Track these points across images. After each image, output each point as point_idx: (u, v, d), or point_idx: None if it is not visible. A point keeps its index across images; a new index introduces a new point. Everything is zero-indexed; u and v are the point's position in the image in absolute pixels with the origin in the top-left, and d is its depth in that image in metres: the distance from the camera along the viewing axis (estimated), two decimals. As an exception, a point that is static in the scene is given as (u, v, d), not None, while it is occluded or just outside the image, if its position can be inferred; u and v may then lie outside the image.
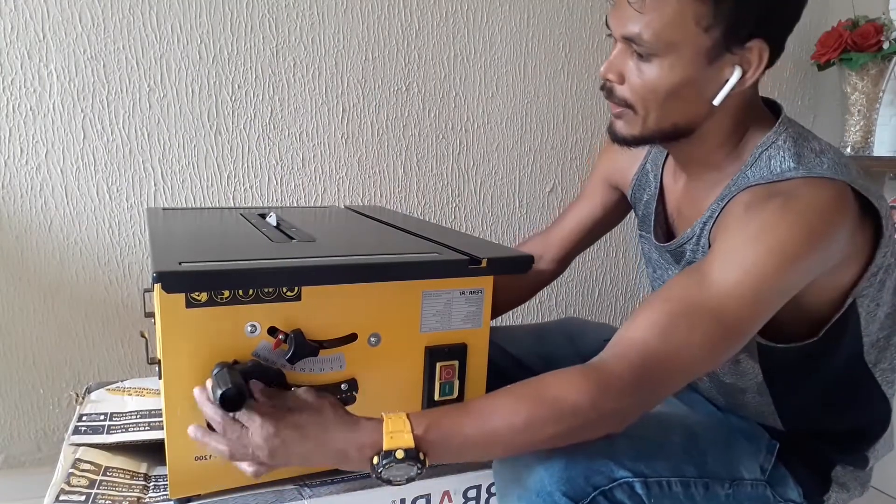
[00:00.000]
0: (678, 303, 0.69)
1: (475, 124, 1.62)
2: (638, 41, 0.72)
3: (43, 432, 1.43)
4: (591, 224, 1.08)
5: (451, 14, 1.55)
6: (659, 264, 0.93)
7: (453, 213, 1.65)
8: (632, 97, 0.75)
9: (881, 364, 0.82)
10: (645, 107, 0.75)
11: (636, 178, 0.97)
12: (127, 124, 1.36)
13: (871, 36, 1.54)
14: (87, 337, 1.41)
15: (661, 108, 0.75)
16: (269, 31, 1.41)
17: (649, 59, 0.72)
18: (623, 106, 0.77)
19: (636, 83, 0.74)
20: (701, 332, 0.68)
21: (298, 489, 0.79)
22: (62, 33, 1.29)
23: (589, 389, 0.67)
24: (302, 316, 0.75)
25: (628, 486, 0.72)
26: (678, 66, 0.72)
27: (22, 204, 1.33)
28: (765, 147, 0.76)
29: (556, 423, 0.67)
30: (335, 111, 1.50)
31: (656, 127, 0.77)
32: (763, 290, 0.68)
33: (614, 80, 0.76)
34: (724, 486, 0.78)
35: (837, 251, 0.71)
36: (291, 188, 1.50)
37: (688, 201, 0.86)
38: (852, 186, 0.70)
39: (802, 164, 0.72)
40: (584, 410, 0.67)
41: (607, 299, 1.88)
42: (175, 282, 0.66)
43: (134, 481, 0.82)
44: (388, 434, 0.66)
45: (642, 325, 0.70)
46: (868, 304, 0.77)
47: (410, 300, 0.81)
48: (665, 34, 0.70)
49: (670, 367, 0.68)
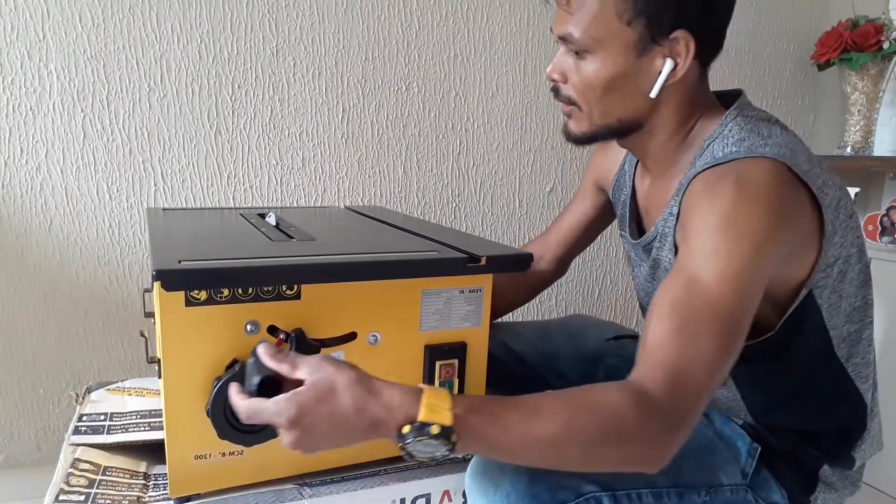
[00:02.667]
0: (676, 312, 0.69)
1: (475, 124, 1.62)
2: (570, 40, 0.76)
3: (43, 432, 1.43)
4: (587, 224, 1.10)
5: (451, 14, 1.55)
6: (635, 262, 0.94)
7: (453, 213, 1.65)
8: (574, 94, 0.79)
9: (853, 359, 0.82)
10: (587, 102, 0.79)
11: (616, 178, 0.99)
12: (127, 124, 1.36)
13: (871, 36, 1.54)
14: (87, 337, 1.41)
15: (602, 103, 0.78)
16: (269, 31, 1.41)
17: (583, 56, 0.77)
18: (569, 104, 0.81)
19: (575, 80, 0.79)
20: (707, 336, 0.67)
21: (298, 489, 0.79)
22: (62, 33, 1.29)
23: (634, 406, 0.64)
24: (301, 315, 0.75)
25: (595, 501, 0.71)
26: (608, 61, 0.76)
27: (22, 204, 1.33)
28: (712, 138, 0.78)
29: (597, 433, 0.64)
30: (335, 111, 1.50)
31: (602, 122, 0.80)
32: (745, 277, 0.68)
33: (559, 80, 0.81)
34: (701, 494, 0.77)
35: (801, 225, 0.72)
36: (291, 188, 1.50)
37: (652, 199, 0.88)
38: (791, 169, 0.70)
39: (743, 147, 0.73)
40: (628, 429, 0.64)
41: (607, 299, 1.88)
42: (175, 280, 0.66)
43: (133, 480, 0.82)
44: (426, 405, 0.61)
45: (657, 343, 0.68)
46: (829, 295, 0.77)
47: (410, 299, 0.81)
48: (591, 31, 0.75)
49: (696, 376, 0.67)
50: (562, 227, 1.11)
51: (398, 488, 0.81)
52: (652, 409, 0.64)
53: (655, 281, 0.86)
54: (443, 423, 0.60)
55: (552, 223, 1.14)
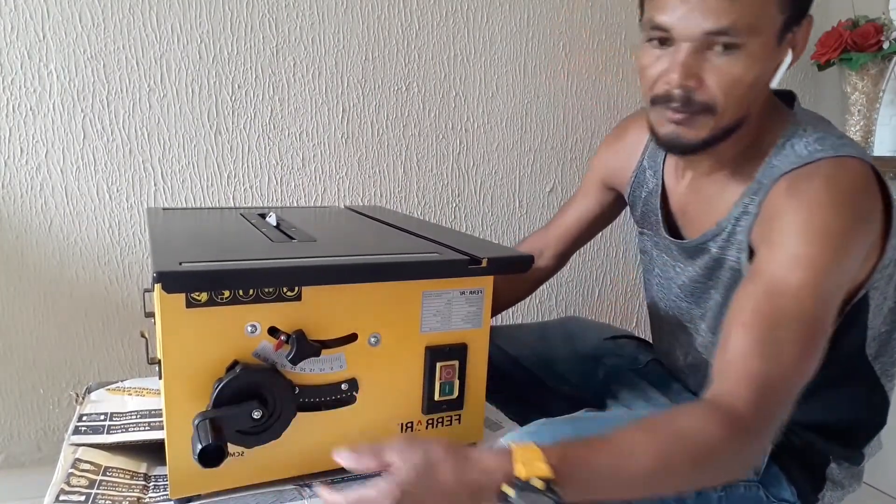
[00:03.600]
0: (759, 320, 0.68)
1: (475, 124, 1.62)
2: (730, 33, 0.68)
3: (43, 432, 1.43)
4: (589, 221, 1.09)
5: (451, 14, 1.55)
6: (665, 261, 0.92)
7: (453, 213, 1.65)
8: (716, 97, 0.72)
9: (882, 357, 0.83)
10: (727, 103, 0.72)
11: (634, 176, 0.96)
12: (127, 124, 1.36)
13: (871, 36, 1.54)
14: (87, 337, 1.41)
15: (740, 102, 0.72)
16: (269, 31, 1.41)
17: (733, 51, 0.70)
18: (700, 111, 0.73)
19: (722, 81, 0.71)
20: (792, 345, 0.67)
21: (298, 489, 0.79)
22: (62, 33, 1.29)
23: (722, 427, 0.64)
24: (302, 316, 0.75)
25: None
26: (760, 53, 0.70)
27: (22, 204, 1.33)
28: (788, 136, 0.76)
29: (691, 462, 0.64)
30: (335, 111, 1.50)
31: (728, 124, 0.74)
32: (828, 283, 0.68)
33: (694, 86, 0.72)
34: (717, 490, 0.77)
35: (876, 227, 0.71)
36: (291, 188, 1.50)
37: (697, 199, 0.85)
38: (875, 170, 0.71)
39: (826, 145, 0.72)
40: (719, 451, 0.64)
41: (607, 299, 1.88)
42: (175, 282, 0.66)
43: (134, 481, 0.82)
44: (520, 461, 0.60)
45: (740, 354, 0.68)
46: (878, 297, 0.77)
47: (411, 300, 0.81)
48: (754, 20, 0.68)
49: (782, 388, 0.67)
50: (563, 223, 1.10)
51: (398, 489, 0.80)
52: (741, 428, 0.65)
53: (712, 281, 0.84)
54: (543, 476, 0.59)
55: (553, 218, 1.14)
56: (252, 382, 0.72)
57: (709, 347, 0.87)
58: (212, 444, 0.67)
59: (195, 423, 0.69)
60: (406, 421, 0.84)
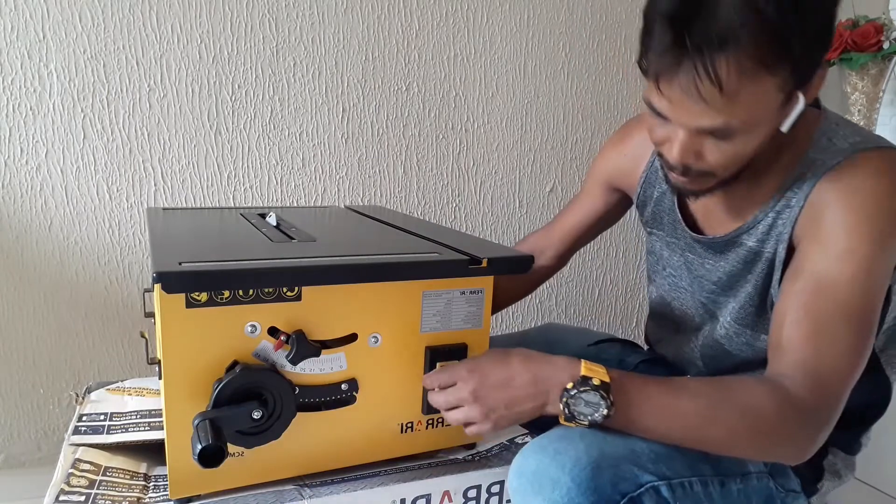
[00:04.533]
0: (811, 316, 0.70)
1: (475, 124, 1.62)
2: (724, 130, 0.69)
3: (43, 432, 1.43)
4: (592, 222, 1.09)
5: (451, 14, 1.55)
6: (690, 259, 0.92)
7: (453, 213, 1.65)
8: (713, 169, 0.74)
9: (888, 350, 0.84)
10: (727, 170, 0.74)
11: (644, 176, 0.96)
12: (127, 124, 1.36)
13: (871, 36, 1.54)
14: (87, 337, 1.41)
15: (743, 165, 0.75)
16: (269, 31, 1.41)
17: (730, 135, 0.70)
18: (701, 175, 0.75)
19: (721, 158, 0.72)
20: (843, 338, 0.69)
21: (298, 489, 0.79)
22: (62, 33, 1.29)
23: (775, 398, 0.67)
24: (302, 316, 0.75)
25: (654, 491, 0.70)
26: (761, 130, 0.71)
27: (22, 204, 1.33)
28: (824, 132, 0.77)
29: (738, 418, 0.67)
30: (335, 111, 1.50)
31: (732, 176, 0.76)
32: (875, 276, 0.69)
33: (692, 162, 0.74)
34: (736, 482, 0.78)
35: None
36: (291, 188, 1.50)
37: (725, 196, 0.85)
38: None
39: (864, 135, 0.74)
40: (769, 417, 0.67)
41: (607, 299, 1.88)
42: (175, 282, 0.66)
43: (134, 481, 0.82)
44: (585, 367, 0.70)
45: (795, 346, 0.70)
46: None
47: (411, 300, 0.81)
48: (749, 115, 0.68)
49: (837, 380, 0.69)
50: (566, 223, 1.10)
51: (398, 489, 0.81)
52: (793, 407, 0.67)
53: (751, 274, 0.84)
54: (603, 379, 0.68)
55: (556, 218, 1.14)
56: (252, 382, 0.72)
57: (731, 337, 0.89)
58: (211, 444, 0.67)
59: (195, 424, 0.69)
60: (406, 421, 0.84)
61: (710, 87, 0.64)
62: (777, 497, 0.81)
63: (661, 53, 0.66)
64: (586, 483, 0.68)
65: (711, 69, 0.63)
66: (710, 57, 0.63)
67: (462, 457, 0.88)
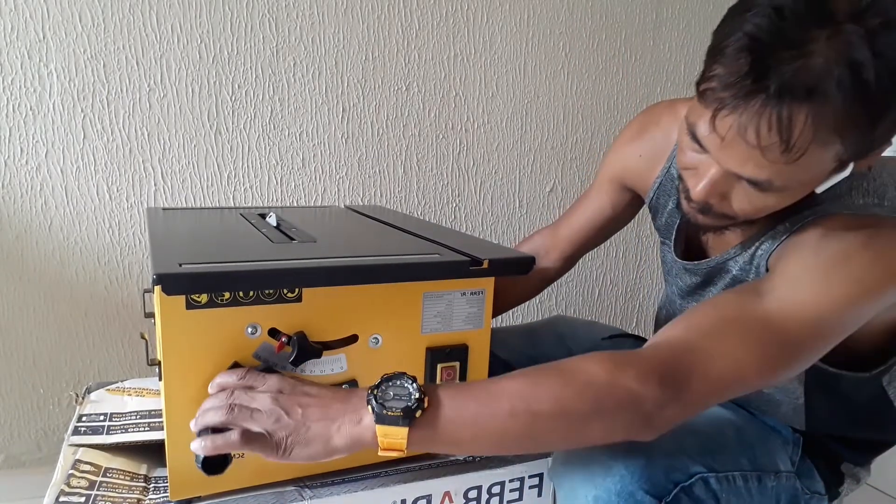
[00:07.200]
0: (732, 311, 0.66)
1: (475, 124, 1.62)
2: (765, 185, 0.62)
3: (43, 432, 1.43)
4: (601, 223, 1.03)
5: (451, 14, 1.55)
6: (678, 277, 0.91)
7: (453, 213, 1.65)
8: (735, 214, 0.68)
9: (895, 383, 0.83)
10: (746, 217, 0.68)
11: (659, 182, 0.91)
12: (127, 124, 1.36)
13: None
14: (87, 337, 1.41)
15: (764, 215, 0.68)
16: (269, 31, 1.41)
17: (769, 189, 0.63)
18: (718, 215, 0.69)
19: (745, 207, 0.66)
20: (755, 344, 0.64)
21: (299, 490, 0.79)
22: (62, 33, 1.29)
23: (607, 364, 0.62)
24: (303, 317, 0.75)
25: (703, 482, 0.70)
26: (800, 191, 0.65)
27: (22, 204, 1.33)
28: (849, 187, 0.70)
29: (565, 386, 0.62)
30: (335, 111, 1.50)
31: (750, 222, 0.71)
32: (831, 318, 0.64)
33: (715, 203, 0.68)
34: (771, 478, 0.78)
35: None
36: (291, 188, 1.50)
37: None
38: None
39: (886, 202, 0.68)
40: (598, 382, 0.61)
41: (607, 299, 1.88)
42: (175, 284, 0.66)
43: (134, 483, 0.82)
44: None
45: (683, 326, 0.67)
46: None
47: (411, 301, 0.81)
48: (800, 178, 0.62)
49: (710, 368, 0.63)
50: (573, 222, 1.05)
51: (399, 490, 0.81)
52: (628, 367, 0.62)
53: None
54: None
55: (563, 216, 1.08)
56: (252, 384, 0.72)
57: None
58: None
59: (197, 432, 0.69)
60: (406, 422, 0.84)
61: (774, 136, 0.57)
62: (801, 498, 0.81)
63: (731, 84, 0.58)
64: (640, 471, 0.66)
65: (786, 119, 0.56)
66: (788, 105, 0.56)
67: (463, 458, 0.88)
